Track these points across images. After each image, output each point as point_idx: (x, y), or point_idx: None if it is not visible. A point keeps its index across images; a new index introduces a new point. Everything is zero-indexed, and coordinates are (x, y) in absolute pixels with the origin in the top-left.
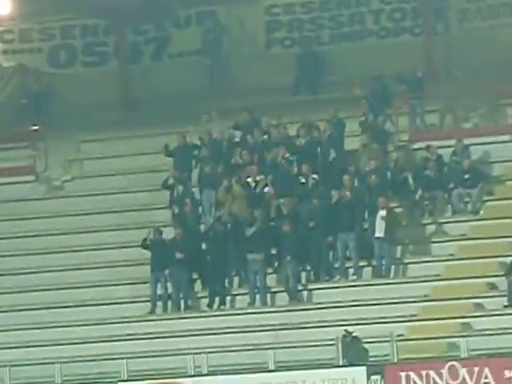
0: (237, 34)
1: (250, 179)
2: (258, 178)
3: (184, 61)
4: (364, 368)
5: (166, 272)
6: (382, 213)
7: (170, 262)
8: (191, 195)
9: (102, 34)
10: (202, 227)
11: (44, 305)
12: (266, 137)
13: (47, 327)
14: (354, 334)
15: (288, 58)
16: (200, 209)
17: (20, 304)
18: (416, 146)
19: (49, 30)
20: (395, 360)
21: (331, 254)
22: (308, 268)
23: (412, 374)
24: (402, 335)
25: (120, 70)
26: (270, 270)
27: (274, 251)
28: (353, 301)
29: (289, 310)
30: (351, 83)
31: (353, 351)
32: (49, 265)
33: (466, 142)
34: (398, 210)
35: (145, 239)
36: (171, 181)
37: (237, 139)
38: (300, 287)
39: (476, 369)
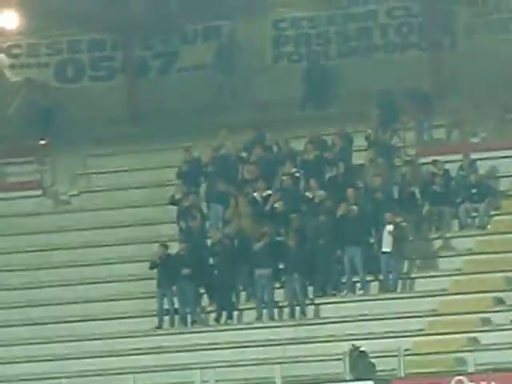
0: (244, 48)
1: (256, 194)
2: (265, 194)
3: (191, 76)
4: (371, 383)
5: (173, 287)
6: (389, 227)
7: (176, 276)
8: (198, 210)
9: (109, 49)
10: (209, 242)
11: (50, 319)
12: (273, 152)
13: (54, 342)
14: (361, 349)
15: (295, 72)
16: (207, 224)
17: (27, 318)
18: (423, 160)
19: (56, 45)
20: (402, 374)
21: (338, 268)
22: (315, 283)
23: None
24: (409, 350)
25: (127, 85)
26: (277, 285)
27: (281, 266)
28: (360, 315)
29: (296, 325)
30: (358, 98)
31: (360, 366)
32: (56, 279)
33: (473, 156)
34: (405, 225)
35: (152, 262)
36: (178, 195)
37: (244, 154)
38: (307, 302)
39: (483, 383)
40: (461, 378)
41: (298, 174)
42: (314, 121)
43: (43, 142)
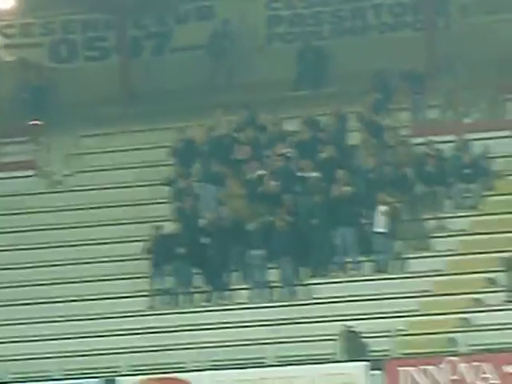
0: (238, 28)
1: (250, 175)
2: (257, 174)
3: (185, 56)
4: (364, 363)
5: (167, 266)
6: (382, 208)
7: (170, 256)
8: (192, 190)
9: (102, 29)
10: (203, 222)
11: (43, 299)
12: (266, 132)
13: (46, 321)
14: (353, 329)
15: (289, 52)
16: (201, 204)
17: (19, 298)
18: (417, 140)
19: (50, 25)
20: (395, 355)
21: (331, 248)
22: (307, 263)
23: (412, 370)
24: (401, 330)
25: (121, 65)
26: (269, 265)
27: (273, 246)
28: (352, 296)
29: (288, 305)
30: (352, 78)
31: (353, 346)
32: (48, 259)
33: (467, 137)
34: (398, 205)
35: (146, 247)
36: (172, 176)
37: (237, 135)
38: (299, 282)
39: (475, 364)
40: (453, 358)
41: (289, 155)
42: (308, 101)
43: (37, 123)
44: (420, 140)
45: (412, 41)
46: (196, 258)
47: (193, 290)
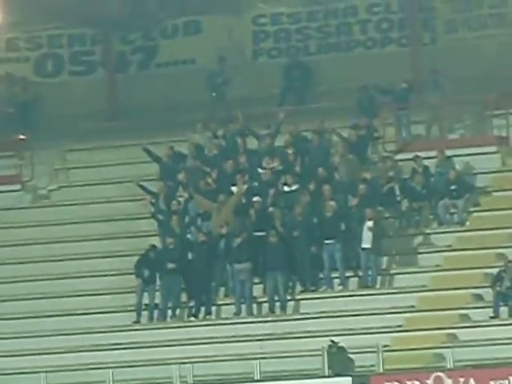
0: (224, 43)
1: (235, 188)
2: (244, 188)
3: (171, 71)
4: (349, 379)
5: (153, 281)
6: (369, 223)
7: (157, 271)
8: (178, 205)
9: (89, 44)
10: (189, 237)
11: (29, 314)
12: (252, 146)
13: (33, 336)
14: (339, 345)
15: (275, 68)
16: (186, 219)
17: (5, 313)
18: (402, 156)
19: (36, 39)
20: (381, 370)
21: (317, 264)
22: (294, 278)
23: None
24: (387, 346)
25: (107, 80)
26: (256, 280)
27: (260, 261)
28: (339, 311)
29: (275, 320)
30: (338, 93)
31: (338, 362)
32: (34, 274)
33: (452, 152)
34: (384, 221)
35: (138, 262)
36: (158, 191)
37: (222, 148)
38: (286, 297)
39: (462, 380)
40: (439, 374)
41: (275, 170)
42: (294, 116)
43: (22, 137)
44: (405, 156)
45: (397, 56)
46: (182, 273)
47: (179, 304)
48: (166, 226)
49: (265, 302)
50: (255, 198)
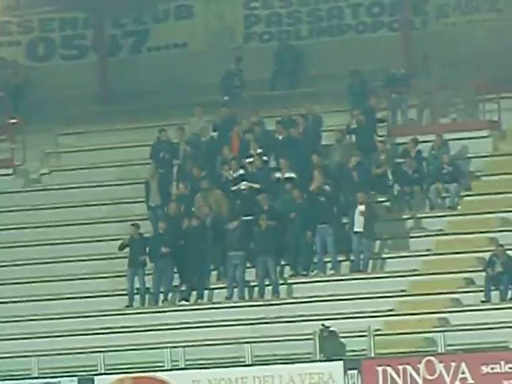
0: (215, 27)
1: (228, 173)
2: (236, 174)
3: (162, 54)
4: (341, 363)
5: (145, 265)
6: (361, 208)
7: (149, 255)
8: (171, 190)
9: (80, 27)
10: (182, 222)
11: (21, 298)
12: (244, 132)
13: (24, 320)
14: (331, 329)
15: (266, 52)
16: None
17: None
18: (395, 141)
19: (27, 23)
20: (372, 355)
21: (309, 248)
22: (286, 262)
23: (389, 369)
24: (379, 330)
25: (98, 63)
26: (248, 265)
27: (252, 246)
28: (330, 295)
29: (266, 305)
30: (329, 78)
31: (330, 346)
32: (26, 258)
33: (444, 137)
34: (376, 205)
35: (122, 244)
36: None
37: (215, 135)
38: (278, 282)
39: (453, 364)
40: (431, 358)
41: (265, 157)
42: (285, 101)
43: (14, 121)
44: (398, 140)
45: (389, 41)
46: (174, 257)
47: (171, 289)
48: (158, 211)
49: (257, 286)
50: (244, 184)
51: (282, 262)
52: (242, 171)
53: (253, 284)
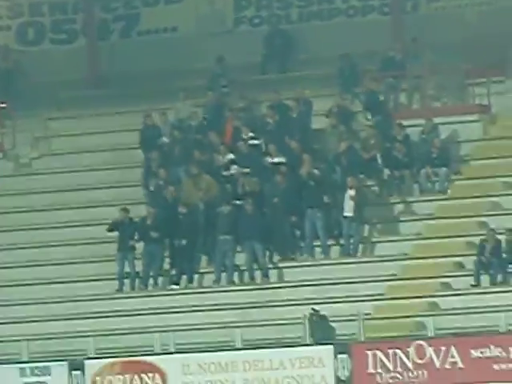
0: (205, 11)
1: (218, 158)
2: (226, 158)
3: (152, 38)
4: (331, 347)
5: (137, 250)
6: (351, 192)
7: (139, 239)
8: (163, 175)
9: (70, 12)
10: (171, 206)
11: (11, 282)
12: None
13: (14, 304)
14: (321, 313)
15: (256, 36)
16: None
17: None
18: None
19: (17, 7)
20: (362, 339)
21: (299, 232)
22: (275, 246)
23: (379, 353)
24: (369, 314)
25: (88, 48)
26: (238, 249)
27: (242, 230)
28: (320, 279)
29: (256, 289)
30: (319, 62)
31: (320, 330)
32: (16, 242)
33: (434, 121)
34: (366, 189)
35: (111, 224)
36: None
37: (203, 119)
38: (268, 266)
39: (443, 348)
40: (421, 342)
41: (256, 141)
42: (275, 85)
43: (3, 105)
44: (388, 124)
45: (379, 25)
46: (165, 242)
47: (161, 273)
48: (151, 196)
49: (247, 270)
50: (234, 168)
51: (271, 247)
52: (231, 155)
53: (243, 268)
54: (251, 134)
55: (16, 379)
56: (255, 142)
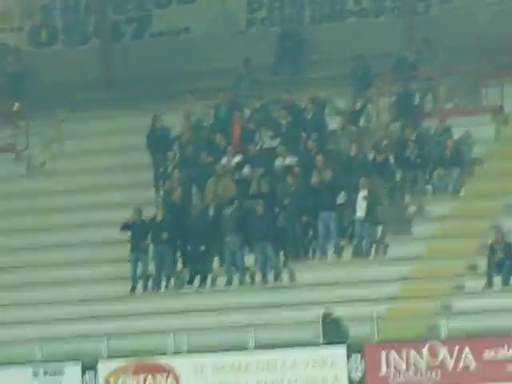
0: (218, 13)
1: (227, 160)
2: (236, 160)
3: (165, 40)
4: (344, 347)
5: (150, 251)
6: (364, 193)
7: (153, 240)
8: (175, 177)
9: (83, 13)
10: (184, 207)
11: (23, 284)
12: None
13: (28, 305)
14: (334, 314)
15: (269, 37)
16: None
17: (0, 282)
18: (398, 126)
19: (30, 9)
20: (375, 339)
21: (312, 233)
22: (289, 248)
23: (392, 354)
24: (382, 315)
25: (101, 49)
26: (251, 250)
27: (255, 231)
28: (333, 280)
29: (269, 289)
30: (332, 63)
31: (333, 331)
32: (30, 243)
33: (447, 122)
34: (379, 190)
35: (124, 224)
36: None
37: (216, 120)
38: (279, 267)
39: (456, 348)
40: (434, 343)
41: (267, 142)
42: (287, 86)
43: (17, 107)
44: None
45: (391, 26)
46: (178, 243)
47: (174, 274)
48: (164, 197)
49: (260, 271)
50: (246, 169)
51: (284, 248)
52: (241, 157)
53: (256, 269)
54: (265, 135)
55: (29, 380)
56: (267, 143)
